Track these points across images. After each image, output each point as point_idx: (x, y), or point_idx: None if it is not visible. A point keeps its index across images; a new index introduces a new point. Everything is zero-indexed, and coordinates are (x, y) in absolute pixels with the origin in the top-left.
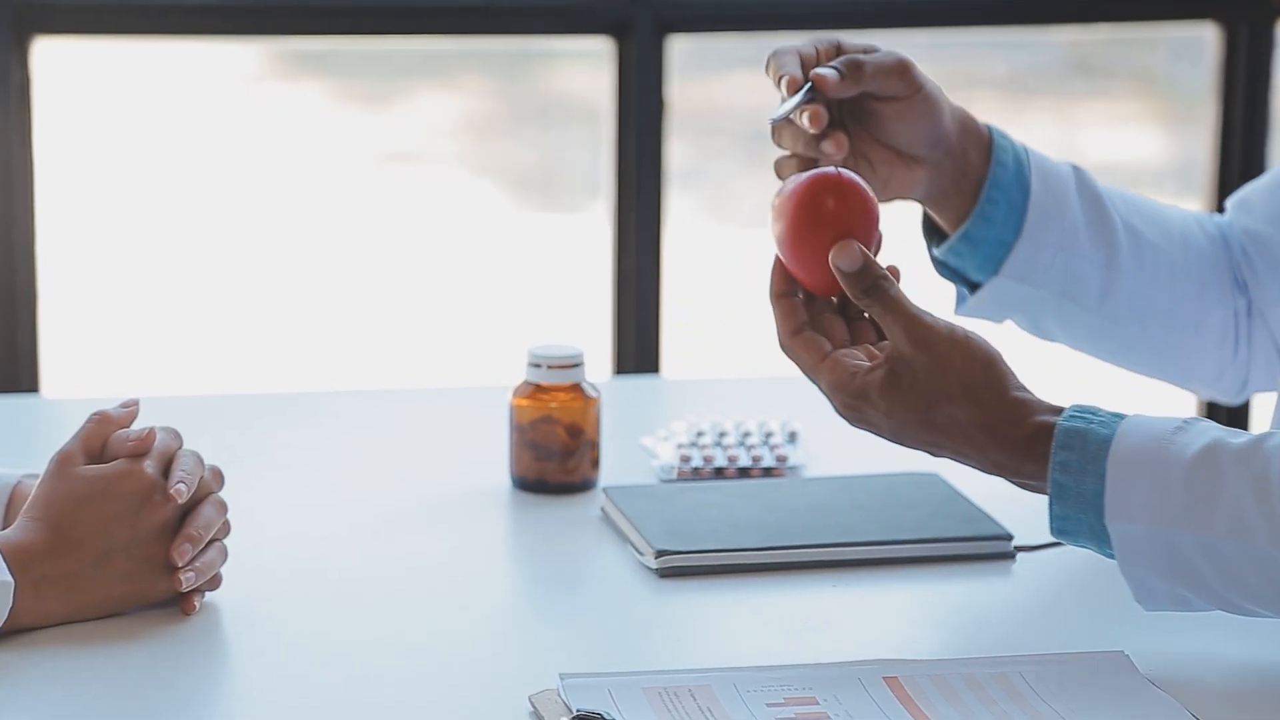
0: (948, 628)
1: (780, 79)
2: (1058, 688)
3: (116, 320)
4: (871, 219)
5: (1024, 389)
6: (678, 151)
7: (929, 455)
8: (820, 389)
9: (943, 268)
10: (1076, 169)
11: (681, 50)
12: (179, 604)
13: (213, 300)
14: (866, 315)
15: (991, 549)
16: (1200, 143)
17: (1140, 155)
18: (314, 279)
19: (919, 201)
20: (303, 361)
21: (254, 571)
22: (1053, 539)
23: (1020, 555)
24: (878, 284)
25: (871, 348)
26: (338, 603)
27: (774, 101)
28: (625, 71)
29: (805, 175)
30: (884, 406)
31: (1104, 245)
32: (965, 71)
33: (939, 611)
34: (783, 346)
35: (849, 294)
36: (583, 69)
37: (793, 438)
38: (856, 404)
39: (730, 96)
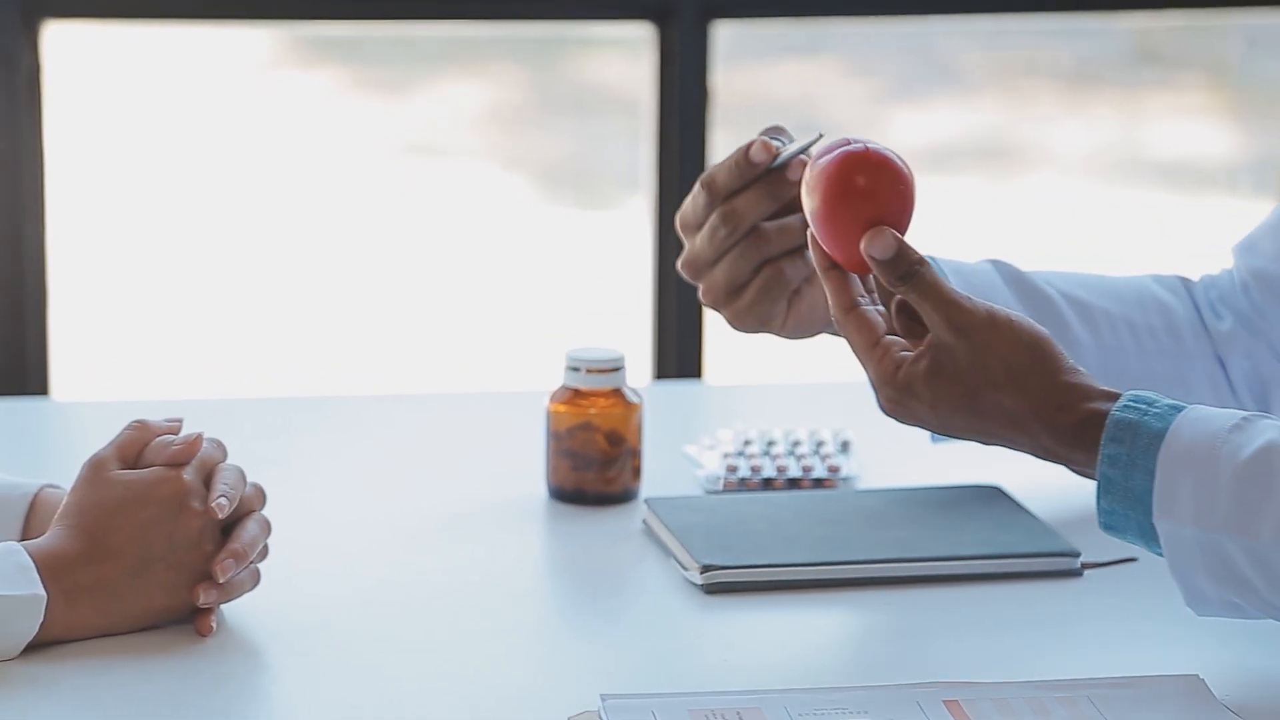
0: (1011, 649)
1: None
2: (1128, 712)
3: (129, 319)
4: (905, 196)
5: (1076, 371)
6: (721, 144)
7: (981, 444)
8: (867, 375)
9: None
10: (993, 260)
11: (725, 37)
12: (192, 622)
13: (229, 299)
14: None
15: (1057, 566)
16: (1277, 138)
17: (1211, 151)
18: (335, 278)
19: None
20: (324, 365)
21: (279, 583)
22: (1123, 556)
23: (1088, 572)
24: (913, 270)
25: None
26: (366, 618)
27: (819, 90)
28: (668, 59)
29: (836, 150)
30: (929, 398)
31: (1048, 323)
32: (1026, 60)
33: (1001, 631)
34: (836, 322)
35: (884, 282)
36: (618, 56)
37: (845, 447)
38: (901, 398)
39: (776, 86)
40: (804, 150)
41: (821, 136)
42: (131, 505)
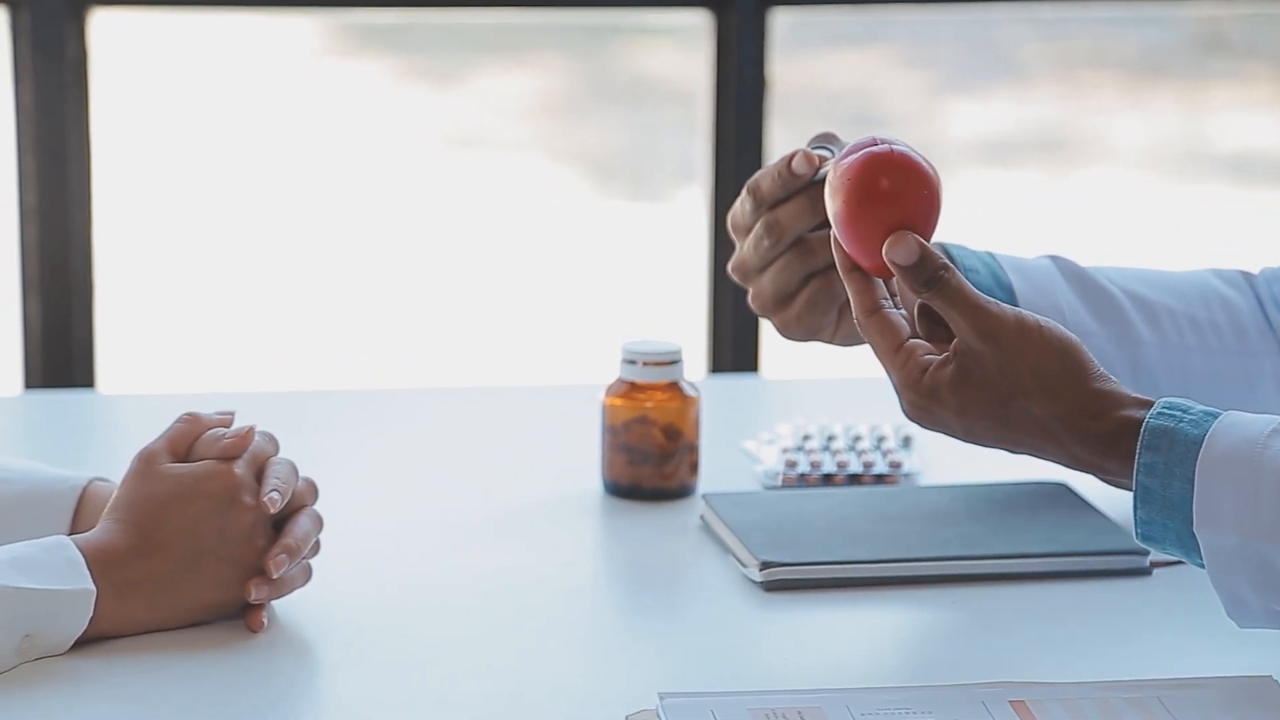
0: (1078, 648)
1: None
2: (1198, 714)
3: (175, 311)
4: (930, 199)
5: (1106, 379)
6: (778, 135)
7: (1007, 453)
8: (890, 380)
9: None
10: (1052, 256)
11: (781, 25)
12: (244, 618)
13: (276, 291)
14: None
15: (1125, 564)
16: None
17: (1275, 144)
18: (385, 270)
19: None
20: (373, 358)
21: (330, 579)
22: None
23: (1156, 571)
24: (937, 275)
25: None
26: (418, 615)
27: (876, 81)
28: (724, 48)
29: (860, 151)
30: (955, 405)
31: (1111, 320)
32: (1087, 50)
33: (1069, 631)
34: (859, 324)
35: (908, 288)
36: (671, 45)
37: (907, 442)
38: (926, 404)
39: (831, 77)
40: None
41: None
42: (182, 499)
